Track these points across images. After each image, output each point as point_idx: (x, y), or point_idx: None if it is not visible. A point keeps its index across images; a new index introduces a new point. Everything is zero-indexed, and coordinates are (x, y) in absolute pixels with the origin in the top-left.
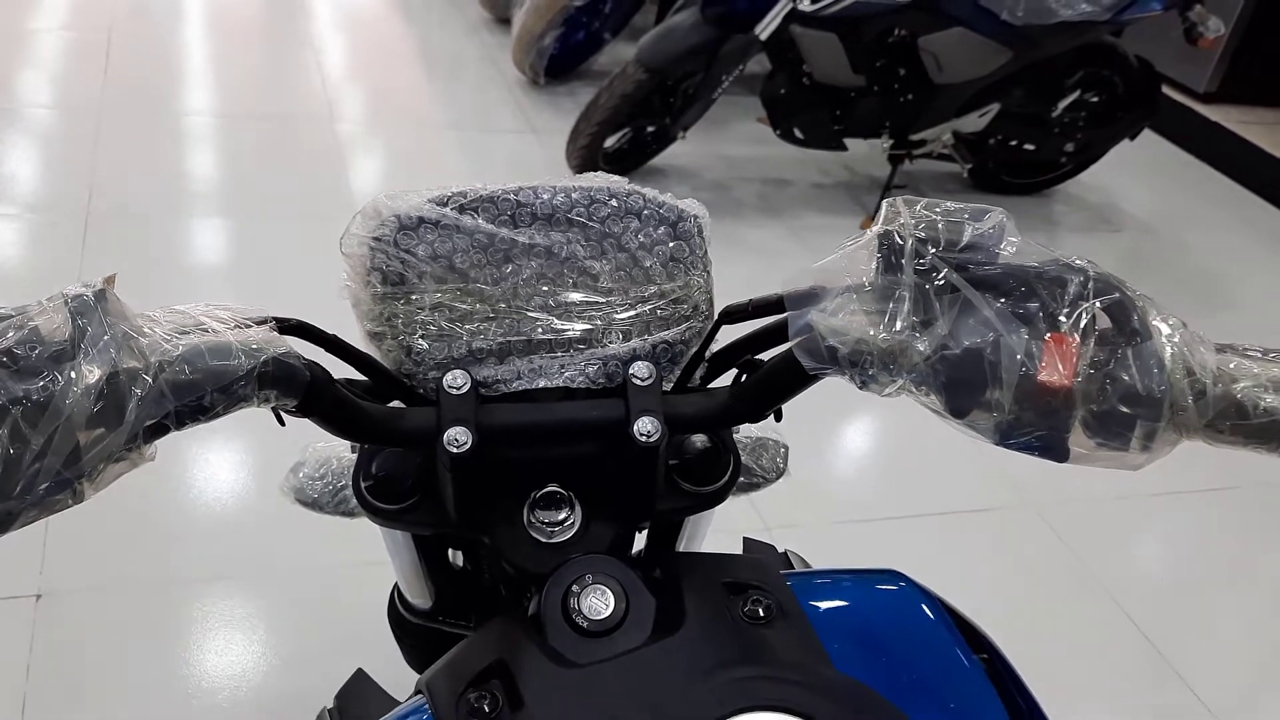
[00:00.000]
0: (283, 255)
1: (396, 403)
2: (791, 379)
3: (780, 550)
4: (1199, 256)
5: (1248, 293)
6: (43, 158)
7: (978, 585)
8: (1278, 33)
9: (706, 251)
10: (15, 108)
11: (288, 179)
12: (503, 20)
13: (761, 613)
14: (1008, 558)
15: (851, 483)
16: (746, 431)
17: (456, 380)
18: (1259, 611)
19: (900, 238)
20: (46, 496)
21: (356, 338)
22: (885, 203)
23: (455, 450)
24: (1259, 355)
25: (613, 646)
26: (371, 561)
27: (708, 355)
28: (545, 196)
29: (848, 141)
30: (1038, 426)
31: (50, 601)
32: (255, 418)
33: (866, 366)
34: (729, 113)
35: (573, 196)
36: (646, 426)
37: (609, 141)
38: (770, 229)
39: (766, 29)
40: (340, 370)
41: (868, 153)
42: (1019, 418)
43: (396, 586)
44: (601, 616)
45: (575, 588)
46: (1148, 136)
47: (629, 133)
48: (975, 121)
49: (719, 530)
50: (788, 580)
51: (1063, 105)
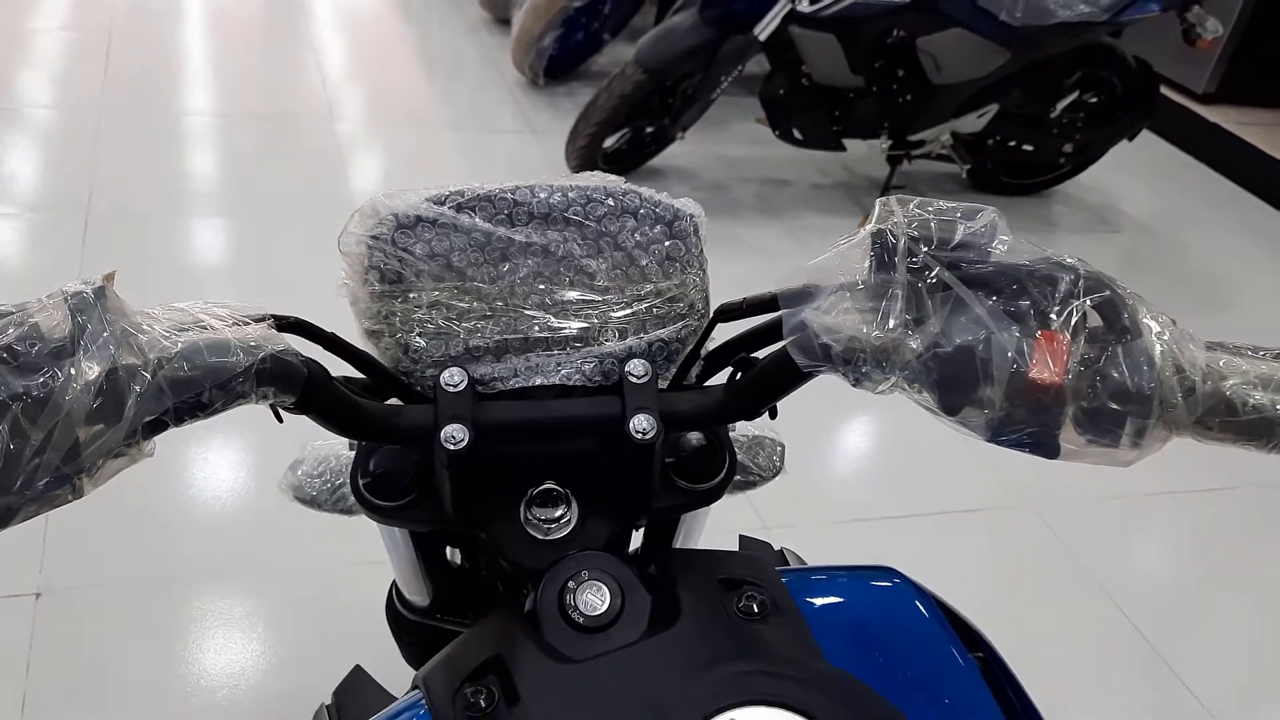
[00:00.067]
0: (282, 255)
1: (394, 400)
2: (786, 377)
3: (776, 548)
4: (1197, 257)
5: (1246, 293)
6: (43, 157)
7: (975, 585)
8: (1276, 34)
9: (702, 250)
10: (15, 107)
11: (287, 179)
12: (502, 21)
13: (756, 608)
14: (1005, 557)
15: (850, 482)
16: (743, 430)
17: (453, 378)
18: (1256, 611)
19: (893, 236)
20: (46, 492)
21: (355, 336)
22: (878, 202)
23: (452, 447)
24: (1248, 353)
25: (608, 642)
26: (370, 560)
27: (703, 353)
28: (542, 195)
29: (846, 142)
30: (1029, 423)
31: (50, 600)
32: (254, 417)
33: (860, 364)
34: (728, 113)
35: (569, 195)
36: (642, 424)
37: (608, 142)
38: (769, 229)
39: (765, 30)
40: (339, 368)
41: (866, 153)
42: (1010, 415)
43: (395, 584)
44: (597, 612)
45: (571, 584)
46: (1146, 137)
47: (628, 133)
48: (974, 122)
49: (717, 529)
50: (782, 576)
51: (1061, 106)
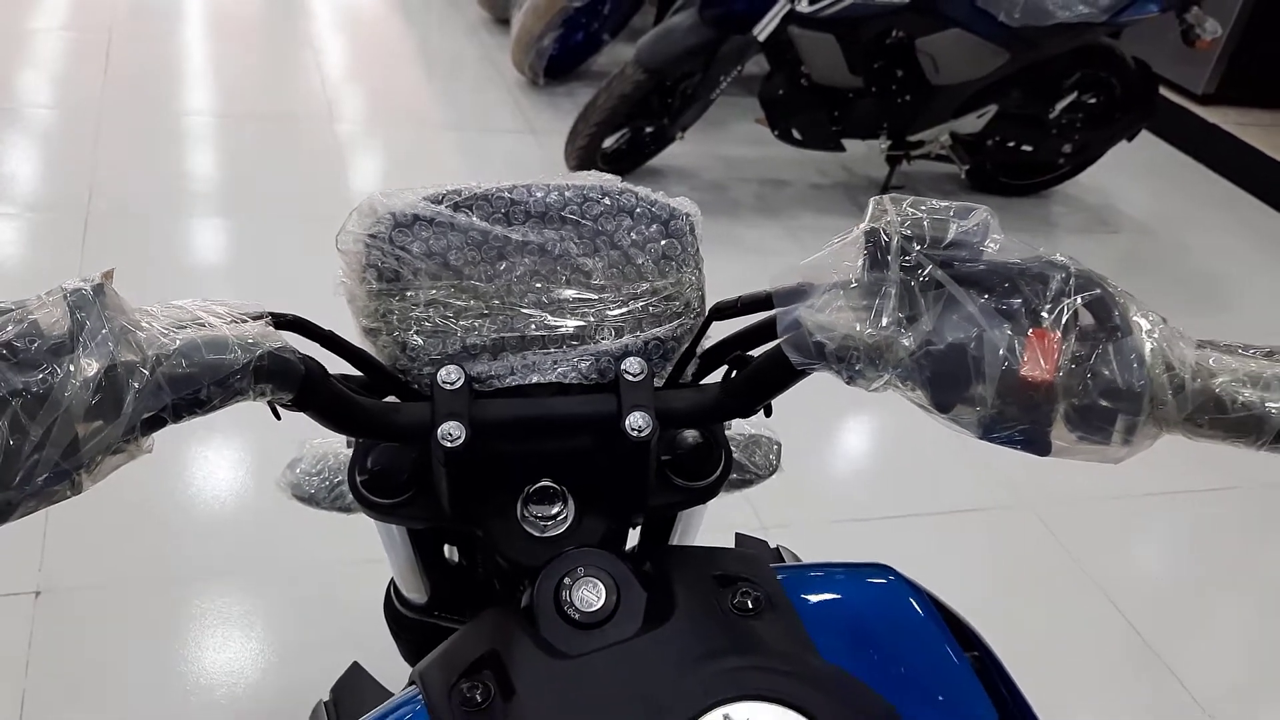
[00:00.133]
0: (282, 255)
1: (391, 398)
2: (780, 374)
3: (773, 546)
4: (1197, 258)
5: (1245, 294)
6: (43, 157)
7: (974, 584)
8: (1275, 35)
9: (698, 249)
10: (15, 107)
11: (287, 179)
12: (502, 21)
13: (750, 605)
14: (1003, 557)
15: (848, 482)
16: (739, 428)
17: (450, 375)
18: (1254, 611)
19: (886, 235)
20: (45, 487)
21: (353, 334)
22: (872, 200)
23: (449, 444)
24: (1238, 351)
25: (604, 638)
26: (368, 559)
27: (699, 352)
28: (539, 194)
29: (845, 142)
30: (1020, 421)
31: (49, 598)
32: (253, 417)
33: (853, 362)
34: (727, 113)
35: (566, 195)
36: (638, 421)
37: (607, 142)
38: (768, 229)
39: (764, 30)
40: (336, 366)
41: (865, 154)
42: (1001, 412)
43: (392, 582)
44: (593, 608)
45: (567, 580)
46: (1145, 138)
47: (627, 133)
48: (973, 123)
49: (715, 529)
50: (777, 573)
51: (1060, 107)
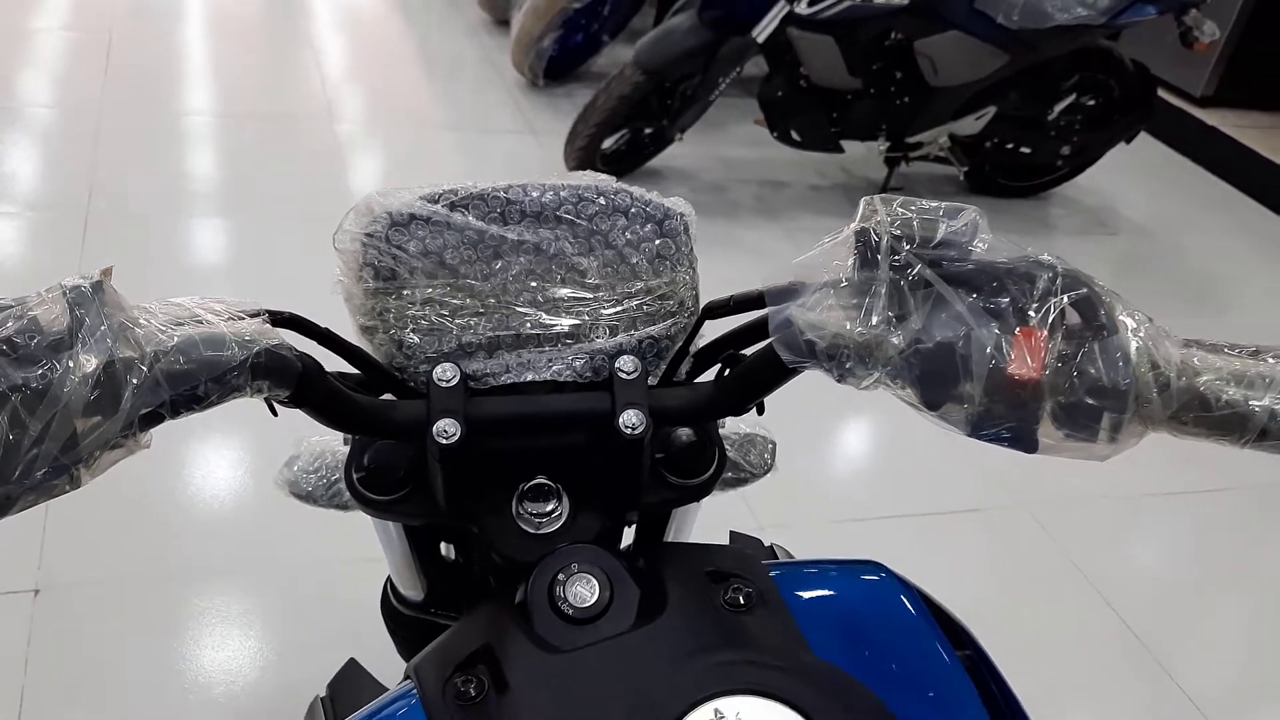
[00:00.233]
0: (281, 254)
1: (388, 396)
2: (772, 372)
3: (767, 544)
4: (1195, 260)
5: (1243, 296)
6: (43, 157)
7: (970, 584)
8: (1274, 37)
9: (692, 249)
10: (16, 107)
11: (287, 179)
12: (502, 22)
13: (742, 600)
14: (1000, 557)
15: (846, 482)
16: (734, 427)
17: (446, 373)
18: (1250, 612)
19: (876, 234)
20: (44, 481)
21: (350, 332)
22: (863, 200)
23: (444, 441)
24: (1223, 349)
25: (597, 633)
26: (366, 558)
27: (692, 350)
28: (535, 194)
29: (844, 144)
30: (1007, 418)
31: (48, 597)
32: (251, 416)
33: (843, 360)
34: (726, 115)
35: (561, 194)
36: (631, 419)
37: (607, 143)
38: (766, 230)
39: (763, 31)
40: (334, 364)
41: (864, 155)
42: (989, 410)
43: (389, 579)
44: (586, 604)
45: (561, 576)
46: (1144, 140)
47: (627, 134)
48: (971, 124)
49: (711, 529)
50: (769, 570)
51: (1059, 109)
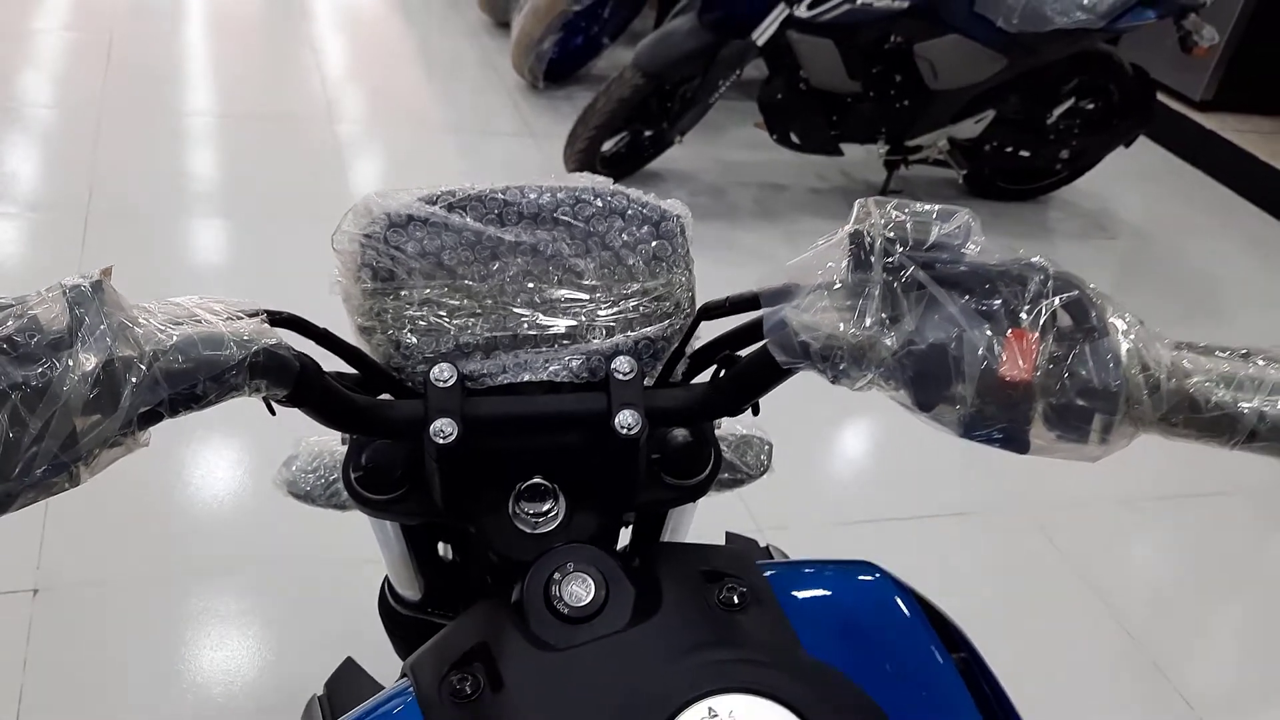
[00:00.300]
0: (281, 254)
1: (385, 396)
2: (767, 374)
3: (763, 545)
4: (1194, 264)
5: (1242, 300)
6: (43, 157)
7: (970, 587)
8: (1273, 41)
9: (688, 250)
10: (16, 107)
11: (287, 179)
12: (502, 24)
13: (736, 600)
14: (998, 560)
15: (844, 484)
16: (731, 429)
17: (443, 373)
18: (1249, 616)
19: (870, 236)
20: (44, 479)
21: (348, 332)
22: (857, 203)
23: (441, 441)
24: (1214, 351)
25: (592, 632)
26: (364, 558)
27: (688, 351)
28: (532, 196)
29: (844, 147)
30: (999, 419)
31: (47, 597)
32: (250, 417)
33: (837, 361)
34: (726, 117)
35: (559, 196)
36: (627, 419)
37: (606, 145)
38: (766, 233)
39: (763, 34)
40: (332, 364)
41: (864, 158)
42: (981, 411)
43: (387, 579)
44: (582, 603)
45: (557, 575)
46: (1143, 144)
47: (626, 137)
48: (971, 128)
49: (711, 530)
50: (764, 570)
51: (1058, 112)
